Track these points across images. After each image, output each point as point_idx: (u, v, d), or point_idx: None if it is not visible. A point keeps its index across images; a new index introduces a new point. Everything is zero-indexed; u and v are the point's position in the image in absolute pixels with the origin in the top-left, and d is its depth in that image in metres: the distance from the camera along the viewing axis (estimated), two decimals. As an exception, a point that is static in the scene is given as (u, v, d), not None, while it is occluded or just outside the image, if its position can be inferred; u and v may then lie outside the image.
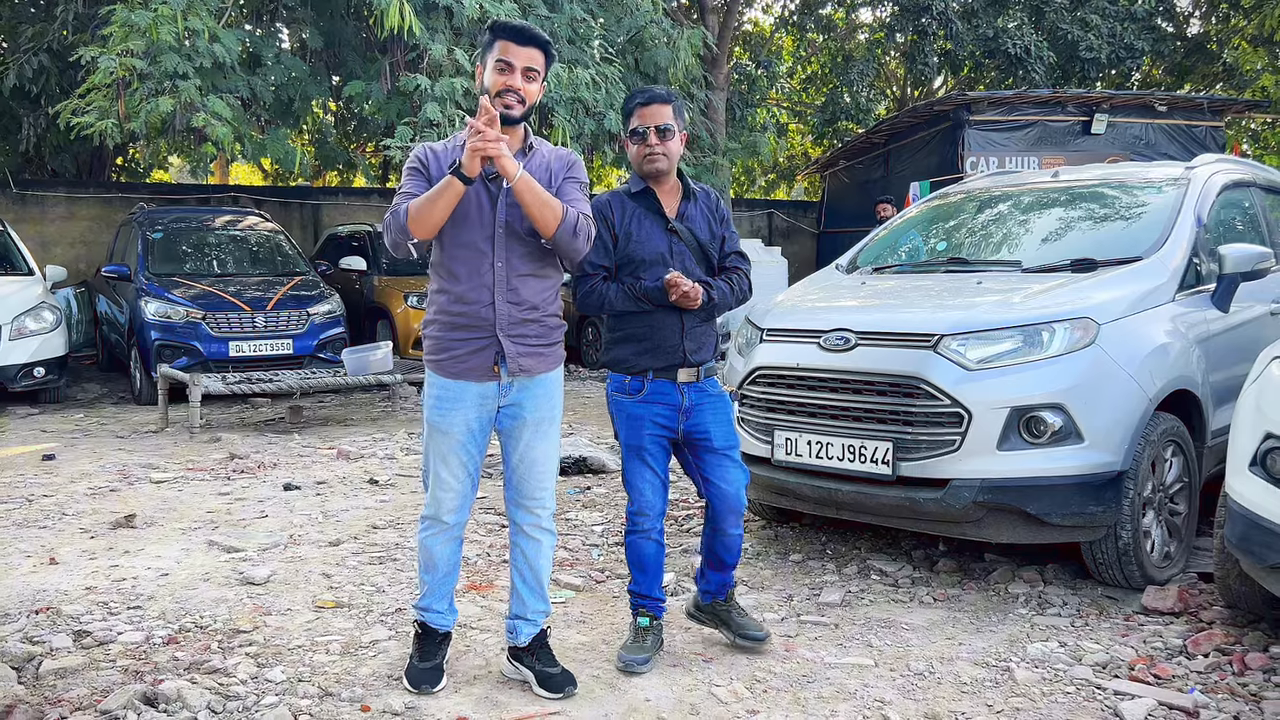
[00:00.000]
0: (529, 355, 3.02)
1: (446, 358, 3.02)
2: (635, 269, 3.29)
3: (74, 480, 6.12)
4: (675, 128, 3.29)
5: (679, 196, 3.38)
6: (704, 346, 3.35)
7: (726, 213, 3.48)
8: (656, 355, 3.29)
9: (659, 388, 3.30)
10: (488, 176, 2.94)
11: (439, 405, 3.04)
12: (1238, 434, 3.40)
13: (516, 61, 2.92)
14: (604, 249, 3.29)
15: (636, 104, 3.31)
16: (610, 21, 11.40)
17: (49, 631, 3.60)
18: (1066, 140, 12.61)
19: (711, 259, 3.39)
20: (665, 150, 3.28)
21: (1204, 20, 19.50)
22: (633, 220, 3.32)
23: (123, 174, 17.00)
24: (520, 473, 3.11)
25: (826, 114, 18.74)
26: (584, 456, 6.42)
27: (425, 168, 2.99)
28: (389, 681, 3.20)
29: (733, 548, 3.43)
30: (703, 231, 3.37)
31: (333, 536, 4.89)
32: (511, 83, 2.91)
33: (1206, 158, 5.27)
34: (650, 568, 3.38)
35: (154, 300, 9.21)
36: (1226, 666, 3.31)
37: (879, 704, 3.08)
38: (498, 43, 2.93)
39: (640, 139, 3.28)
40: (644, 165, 3.30)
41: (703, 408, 3.33)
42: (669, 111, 3.28)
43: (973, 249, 5.11)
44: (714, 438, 3.34)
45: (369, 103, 10.03)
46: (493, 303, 2.96)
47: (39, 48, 11.03)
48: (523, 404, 3.05)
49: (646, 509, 3.34)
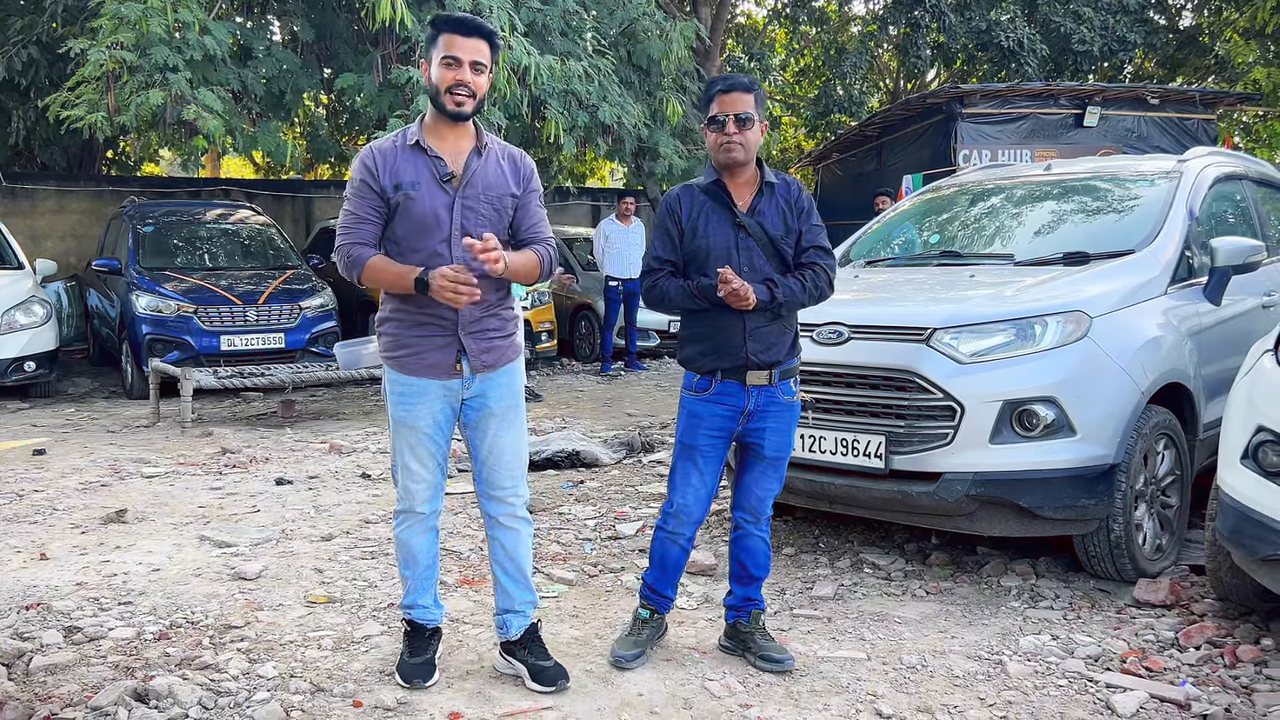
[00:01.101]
0: (490, 350, 3.02)
1: (407, 354, 2.98)
2: (701, 264, 3.16)
3: (65, 475, 6.10)
4: (756, 117, 3.13)
5: (754, 189, 3.22)
6: (772, 347, 3.18)
7: (808, 204, 3.26)
8: (720, 356, 3.16)
9: (725, 389, 3.18)
10: (443, 179, 2.90)
11: (403, 401, 3.01)
12: (1229, 427, 3.40)
13: (464, 55, 2.86)
14: (670, 243, 3.20)
15: (717, 91, 3.15)
16: (603, 14, 11.36)
17: (39, 628, 3.58)
18: (1059, 133, 12.61)
19: (785, 255, 3.20)
20: (743, 140, 3.12)
21: (1196, 13, 19.53)
22: (700, 214, 3.18)
23: (113, 167, 16.93)
24: (490, 464, 3.10)
25: (819, 107, 18.75)
26: (577, 450, 6.41)
27: (374, 178, 2.90)
28: (381, 677, 3.19)
29: (755, 553, 3.33)
30: (775, 226, 3.19)
31: (325, 531, 4.87)
32: (461, 77, 2.86)
33: (1198, 151, 5.28)
34: (670, 567, 3.34)
35: (145, 294, 9.17)
36: (1218, 659, 3.32)
37: (871, 697, 3.08)
38: (442, 37, 2.87)
39: (718, 127, 3.13)
40: (720, 155, 3.15)
41: (766, 413, 3.21)
42: (750, 100, 3.13)
43: (965, 242, 5.11)
44: (767, 446, 3.24)
45: (361, 95, 9.97)
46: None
47: (28, 40, 10.95)
48: (486, 394, 3.04)
49: (682, 513, 3.27)
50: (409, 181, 2.89)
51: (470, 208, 2.92)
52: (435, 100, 2.92)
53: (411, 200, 2.88)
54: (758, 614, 3.39)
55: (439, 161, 2.91)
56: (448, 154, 2.93)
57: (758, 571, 3.36)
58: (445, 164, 2.91)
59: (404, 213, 2.89)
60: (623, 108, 10.60)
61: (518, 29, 9.53)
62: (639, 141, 11.39)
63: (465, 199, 2.92)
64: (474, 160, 2.94)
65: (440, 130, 2.96)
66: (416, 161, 2.91)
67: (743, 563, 3.36)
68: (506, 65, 9.19)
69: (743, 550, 3.35)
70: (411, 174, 2.90)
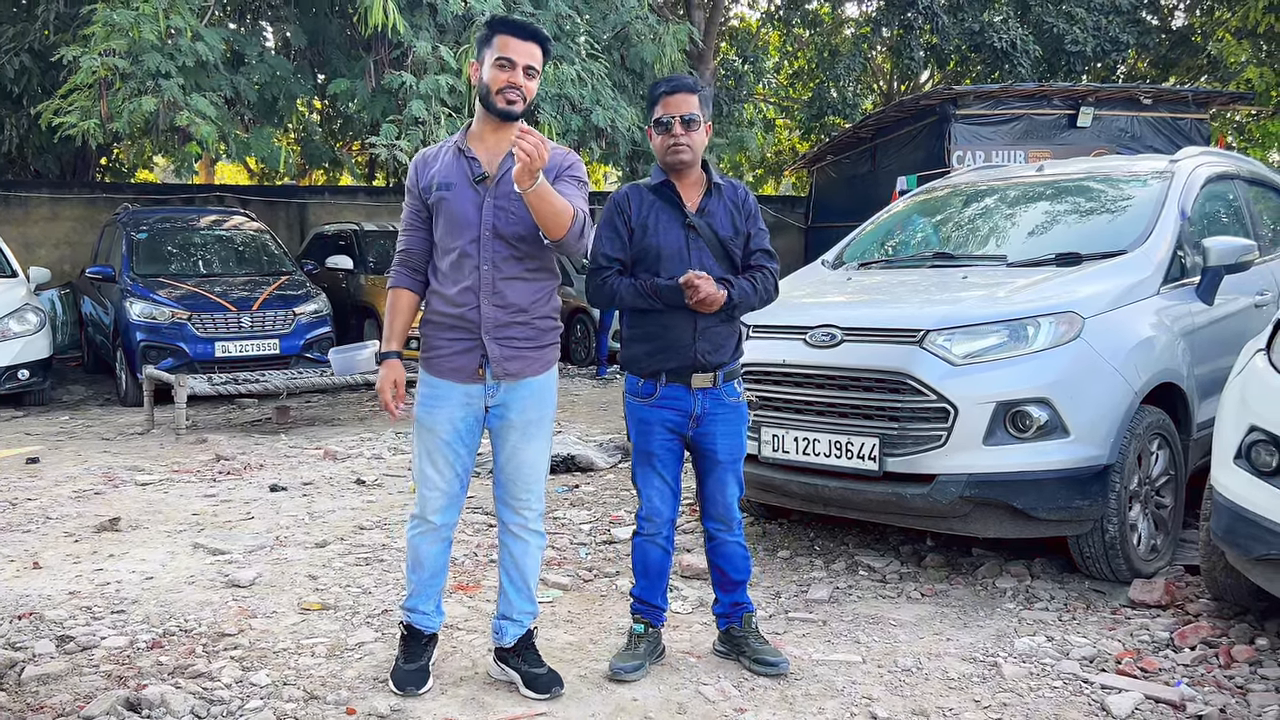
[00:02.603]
0: (515, 359, 2.99)
1: (434, 356, 3.04)
2: (650, 264, 3.16)
3: (58, 483, 6.08)
4: (701, 118, 3.15)
5: (702, 190, 3.23)
6: (720, 348, 3.19)
7: (754, 208, 3.28)
8: (668, 356, 3.15)
9: (671, 392, 3.18)
10: (476, 179, 2.93)
11: (425, 402, 3.05)
12: (1222, 427, 3.40)
13: (518, 59, 2.89)
14: (619, 241, 3.20)
15: (661, 92, 3.16)
16: (596, 17, 11.37)
17: (31, 637, 3.56)
18: (1052, 134, 12.61)
19: (734, 256, 3.21)
20: (690, 141, 3.13)
21: (1188, 13, 19.56)
22: (650, 213, 3.19)
23: (107, 174, 16.89)
24: (508, 473, 3.10)
25: (813, 109, 18.74)
26: (572, 455, 6.40)
27: (415, 181, 3.07)
28: (375, 684, 3.18)
29: (733, 558, 3.32)
30: (724, 227, 3.20)
31: (319, 538, 4.86)
32: (514, 79, 2.89)
33: (1190, 150, 5.28)
34: (653, 573, 3.32)
35: (139, 301, 9.15)
36: (1213, 659, 3.31)
37: (866, 701, 3.07)
38: (497, 38, 2.89)
39: (664, 129, 3.14)
40: (667, 156, 3.16)
41: (715, 417, 3.20)
42: (695, 101, 3.13)
43: (958, 243, 5.11)
44: (719, 450, 3.24)
45: (354, 101, 9.99)
46: (478, 305, 2.95)
47: (20, 48, 10.94)
48: (509, 405, 3.03)
49: (654, 515, 3.28)
50: (443, 182, 2.97)
51: (502, 207, 2.93)
52: (485, 100, 2.95)
53: (446, 200, 2.96)
54: (749, 617, 3.38)
55: (474, 162, 2.96)
56: (487, 155, 2.97)
57: (738, 575, 3.35)
58: (480, 165, 2.95)
59: (441, 212, 2.98)
60: (616, 111, 10.60)
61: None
62: (633, 145, 11.39)
63: (497, 199, 2.93)
64: (509, 161, 2.89)
65: (483, 133, 3.00)
66: (456, 164, 2.98)
67: (722, 569, 3.36)
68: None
69: (720, 557, 3.35)
70: (447, 175, 2.97)
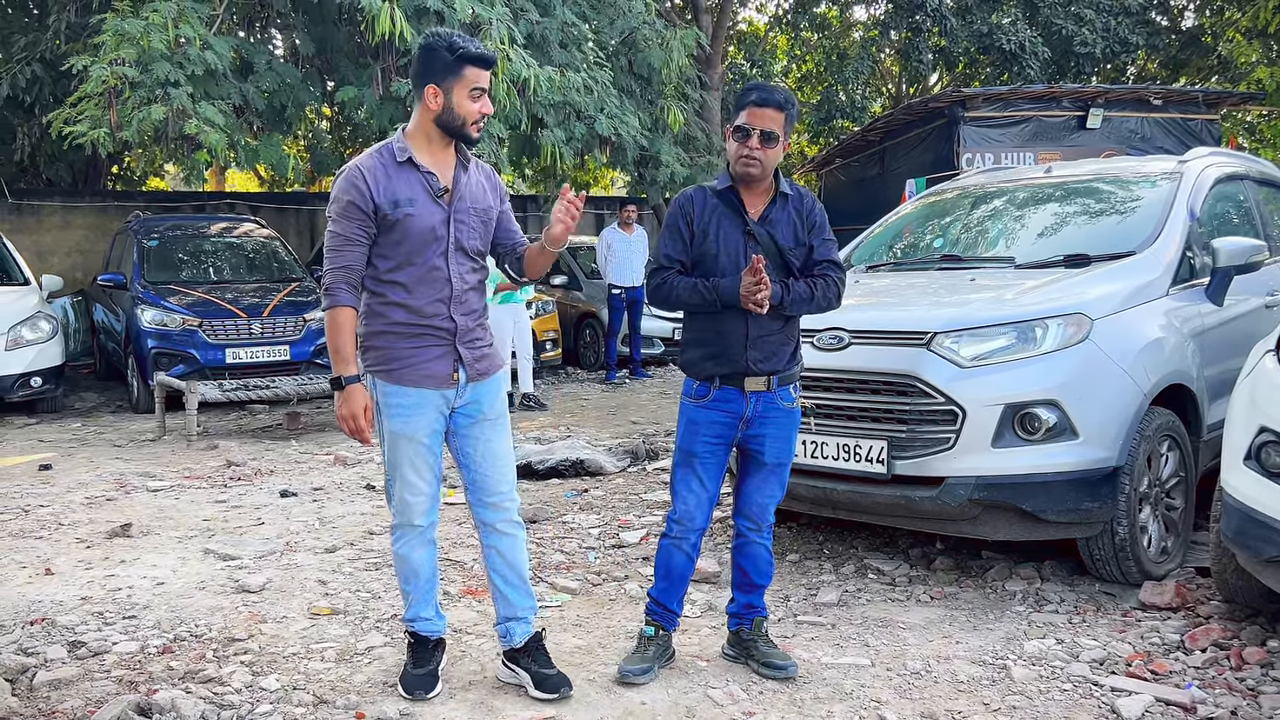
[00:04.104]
0: (483, 358, 3.12)
1: (402, 366, 3.01)
2: (708, 268, 3.14)
3: (70, 490, 6.11)
4: (781, 136, 3.10)
5: (769, 198, 3.19)
6: (773, 356, 3.16)
7: (820, 219, 3.23)
8: (720, 362, 3.15)
9: (724, 395, 3.16)
10: (437, 194, 2.98)
11: (401, 413, 3.02)
12: (1232, 428, 3.39)
13: (485, 86, 3.01)
14: (681, 243, 3.19)
15: (750, 101, 3.10)
16: (603, 24, 11.39)
17: (43, 643, 3.59)
18: (1062, 135, 12.58)
19: (792, 267, 3.17)
20: (763, 157, 3.08)
21: (1198, 13, 19.51)
22: (712, 217, 3.17)
23: (118, 182, 17.00)
24: (484, 470, 3.13)
25: (822, 112, 18.75)
26: (581, 459, 6.40)
27: (365, 198, 2.90)
28: (384, 689, 3.19)
29: (757, 560, 3.32)
30: (785, 237, 3.16)
31: (329, 543, 4.87)
32: (486, 109, 3.02)
33: (1199, 151, 5.26)
34: (675, 577, 3.31)
35: (150, 308, 9.20)
36: (1224, 661, 3.30)
37: (875, 704, 3.07)
38: (468, 69, 2.94)
39: (742, 137, 3.09)
40: (737, 165, 3.12)
41: (766, 420, 3.20)
42: (781, 119, 3.08)
43: (967, 246, 5.10)
44: (766, 453, 3.23)
45: (362, 108, 10.01)
46: (450, 314, 3.01)
47: (32, 57, 11.01)
48: (480, 401, 3.11)
49: (685, 520, 3.26)
50: (406, 199, 2.94)
51: (461, 220, 3.03)
52: (458, 128, 2.99)
53: (412, 217, 2.94)
54: (760, 621, 3.37)
55: (432, 177, 2.99)
56: (437, 170, 3.02)
57: (760, 579, 3.35)
58: (438, 179, 3.00)
59: (404, 230, 2.94)
60: (621, 119, 10.61)
61: (517, 41, 9.55)
62: (640, 150, 11.40)
63: (456, 212, 3.02)
64: (460, 175, 3.05)
65: (432, 148, 3.03)
66: (410, 178, 2.97)
67: (745, 570, 3.35)
68: (506, 77, 9.21)
69: (745, 558, 3.35)
70: (407, 190, 2.95)
